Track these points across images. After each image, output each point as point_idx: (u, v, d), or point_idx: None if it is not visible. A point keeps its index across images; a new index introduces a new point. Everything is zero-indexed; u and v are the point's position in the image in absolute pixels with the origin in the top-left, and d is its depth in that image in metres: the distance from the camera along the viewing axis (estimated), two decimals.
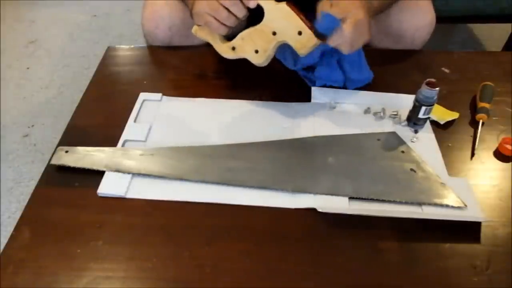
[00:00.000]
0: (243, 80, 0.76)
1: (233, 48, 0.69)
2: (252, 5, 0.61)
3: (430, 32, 0.84)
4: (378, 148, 0.64)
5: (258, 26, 0.65)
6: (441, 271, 0.50)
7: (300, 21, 0.62)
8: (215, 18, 0.63)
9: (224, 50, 0.70)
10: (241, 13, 0.62)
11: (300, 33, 0.62)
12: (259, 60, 0.68)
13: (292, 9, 0.62)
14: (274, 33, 0.65)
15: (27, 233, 0.53)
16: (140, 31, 0.87)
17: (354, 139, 0.65)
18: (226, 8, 0.62)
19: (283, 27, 0.63)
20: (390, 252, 0.51)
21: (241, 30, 0.67)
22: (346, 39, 0.60)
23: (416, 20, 0.81)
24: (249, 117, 0.69)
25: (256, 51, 0.67)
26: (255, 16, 0.64)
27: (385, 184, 0.58)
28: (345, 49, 0.63)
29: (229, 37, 0.69)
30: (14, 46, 1.67)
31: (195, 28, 0.70)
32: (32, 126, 1.33)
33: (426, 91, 0.62)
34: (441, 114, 0.68)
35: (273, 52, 0.68)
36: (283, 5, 0.62)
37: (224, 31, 0.65)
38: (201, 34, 0.70)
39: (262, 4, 0.62)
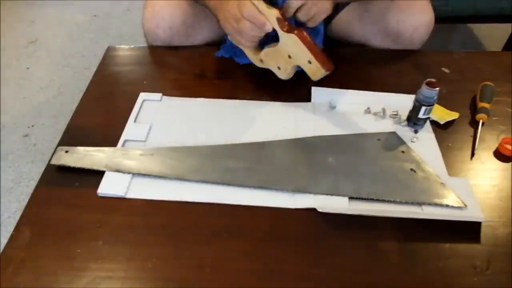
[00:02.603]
0: (243, 80, 0.76)
1: (261, 60, 0.72)
2: (267, 30, 0.63)
3: (429, 32, 0.84)
4: (378, 148, 0.64)
5: (277, 47, 0.67)
6: (441, 271, 0.50)
7: (308, 52, 0.63)
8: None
9: (255, 60, 0.73)
10: (261, 34, 0.65)
11: (310, 62, 0.64)
12: (282, 76, 0.71)
13: (302, 39, 0.63)
14: (289, 56, 0.67)
15: (27, 233, 0.53)
16: (140, 31, 0.87)
17: (354, 139, 0.65)
18: None
19: (295, 53, 0.66)
20: (390, 252, 0.51)
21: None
22: (295, 6, 0.63)
23: (414, 20, 0.81)
24: (249, 117, 0.69)
25: (279, 68, 0.70)
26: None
27: (385, 184, 0.58)
28: (302, 17, 0.65)
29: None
30: (14, 46, 1.67)
31: (230, 37, 0.72)
32: (32, 126, 1.33)
33: (426, 91, 0.62)
34: (441, 114, 0.68)
35: (293, 71, 0.70)
36: (292, 35, 0.63)
37: (253, 45, 0.69)
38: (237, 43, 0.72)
39: (276, 29, 0.64)
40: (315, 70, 0.65)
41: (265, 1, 0.63)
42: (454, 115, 0.69)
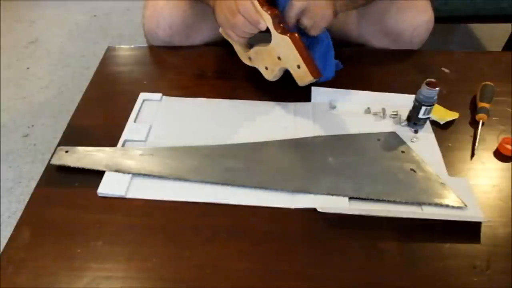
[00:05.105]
0: (243, 80, 0.76)
1: (250, 58, 0.72)
2: (261, 28, 0.63)
3: (429, 31, 0.84)
4: (378, 148, 0.64)
5: (268, 47, 0.67)
6: (441, 271, 0.50)
7: (299, 56, 0.63)
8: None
9: (244, 57, 0.73)
10: (254, 31, 0.64)
11: (299, 66, 0.64)
12: (268, 76, 0.71)
13: (295, 42, 0.63)
14: (279, 58, 0.66)
15: (27, 233, 0.53)
16: (140, 31, 0.87)
17: (354, 139, 0.65)
18: None
19: (285, 55, 0.65)
20: (390, 252, 0.51)
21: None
22: (297, 10, 0.63)
23: (414, 19, 0.81)
24: (249, 117, 0.69)
25: (266, 68, 0.70)
26: None
27: (385, 184, 0.58)
28: (306, 21, 0.64)
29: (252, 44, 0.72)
30: (14, 46, 1.67)
31: (222, 29, 0.72)
32: (32, 126, 1.33)
33: (426, 91, 0.62)
34: (441, 114, 0.68)
35: (279, 73, 0.70)
36: (286, 37, 0.63)
37: (243, 42, 0.69)
38: (227, 37, 0.72)
39: (270, 29, 0.64)
40: (303, 75, 0.65)
41: (267, 1, 0.63)
42: (454, 115, 0.69)
